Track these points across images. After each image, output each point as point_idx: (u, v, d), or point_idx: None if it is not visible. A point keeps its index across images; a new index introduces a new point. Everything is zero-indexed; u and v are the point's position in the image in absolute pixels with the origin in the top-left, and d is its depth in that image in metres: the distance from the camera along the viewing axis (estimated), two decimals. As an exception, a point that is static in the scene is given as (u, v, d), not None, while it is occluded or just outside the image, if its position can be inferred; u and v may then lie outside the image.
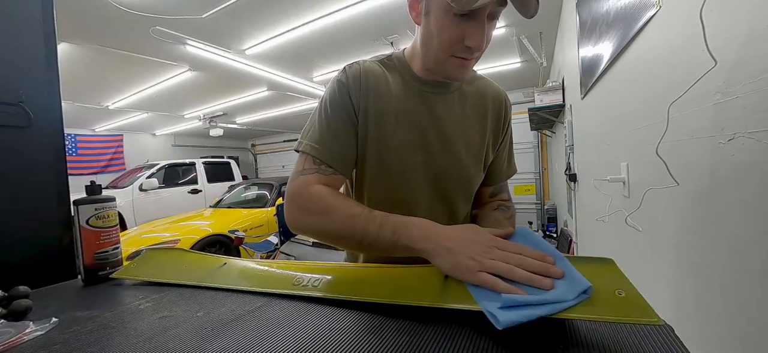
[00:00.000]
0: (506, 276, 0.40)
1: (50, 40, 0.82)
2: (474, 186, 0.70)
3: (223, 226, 3.91)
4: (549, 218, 5.13)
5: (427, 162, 0.65)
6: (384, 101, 0.64)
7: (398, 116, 0.64)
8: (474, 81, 0.71)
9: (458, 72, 0.59)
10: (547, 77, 4.42)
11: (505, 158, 0.75)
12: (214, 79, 4.42)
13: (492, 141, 0.70)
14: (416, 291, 0.47)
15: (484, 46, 0.55)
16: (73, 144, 6.98)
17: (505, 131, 0.71)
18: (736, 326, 0.59)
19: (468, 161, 0.67)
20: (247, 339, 0.40)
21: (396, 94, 0.65)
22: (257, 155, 10.59)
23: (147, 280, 0.68)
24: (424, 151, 0.64)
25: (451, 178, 0.66)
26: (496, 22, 0.55)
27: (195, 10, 2.64)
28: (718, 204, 0.62)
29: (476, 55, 0.57)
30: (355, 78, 0.64)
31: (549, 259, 0.40)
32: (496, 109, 0.70)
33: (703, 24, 0.61)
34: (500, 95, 0.71)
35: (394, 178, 0.65)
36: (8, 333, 0.44)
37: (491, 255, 0.43)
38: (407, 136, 0.64)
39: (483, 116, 0.69)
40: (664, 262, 0.88)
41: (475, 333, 0.39)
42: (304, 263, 0.65)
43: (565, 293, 0.36)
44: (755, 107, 0.50)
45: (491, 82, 0.73)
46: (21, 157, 0.76)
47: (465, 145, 0.66)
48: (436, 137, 0.64)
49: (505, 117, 0.70)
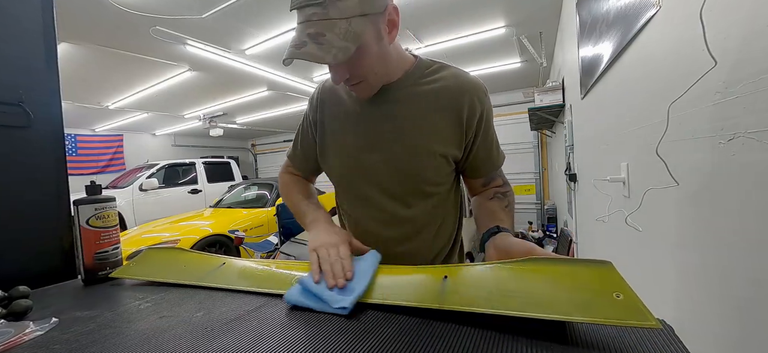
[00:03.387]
0: (319, 264, 0.55)
1: (50, 40, 0.82)
2: (431, 180, 0.70)
3: (223, 226, 3.91)
4: (549, 218, 5.13)
5: (379, 161, 0.69)
6: (338, 109, 0.74)
7: (350, 121, 0.72)
8: (439, 78, 0.68)
9: (355, 93, 0.67)
10: (547, 77, 4.42)
11: (487, 149, 0.72)
12: (214, 79, 4.41)
13: (457, 134, 0.68)
14: (416, 292, 0.47)
15: (345, 79, 0.62)
16: (73, 144, 6.98)
17: (477, 122, 0.68)
18: (736, 325, 0.59)
19: (418, 160, 0.68)
20: (247, 339, 0.40)
21: (349, 102, 0.73)
22: (257, 155, 10.58)
23: (146, 279, 0.68)
24: (376, 151, 0.69)
25: (403, 174, 0.69)
26: (352, 57, 0.59)
27: (195, 10, 2.64)
28: (718, 204, 0.62)
29: (354, 83, 0.63)
30: (315, 96, 0.78)
31: (348, 275, 0.52)
32: (463, 102, 0.66)
33: (703, 24, 0.61)
34: (467, 88, 0.67)
35: (352, 177, 0.73)
36: (8, 333, 0.44)
37: (323, 252, 0.57)
38: (359, 139, 0.70)
39: (443, 112, 0.67)
40: (664, 262, 0.88)
41: (475, 333, 0.39)
42: (304, 263, 0.65)
43: (335, 300, 0.47)
44: (755, 107, 0.50)
45: (463, 75, 0.69)
46: (21, 157, 0.76)
47: (416, 144, 0.67)
48: (387, 137, 0.68)
49: (473, 109, 0.67)
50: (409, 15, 2.94)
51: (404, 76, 0.69)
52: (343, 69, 0.60)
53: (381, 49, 0.61)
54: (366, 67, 0.60)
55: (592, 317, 0.35)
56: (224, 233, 3.83)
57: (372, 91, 0.67)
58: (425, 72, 0.69)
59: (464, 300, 0.43)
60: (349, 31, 0.53)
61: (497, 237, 0.61)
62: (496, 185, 0.77)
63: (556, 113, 3.40)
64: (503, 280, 0.44)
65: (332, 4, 0.52)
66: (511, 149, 6.21)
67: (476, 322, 0.40)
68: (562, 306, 0.37)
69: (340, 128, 0.73)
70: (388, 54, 0.63)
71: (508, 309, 0.39)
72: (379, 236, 0.73)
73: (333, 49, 0.52)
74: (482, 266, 0.48)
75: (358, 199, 0.74)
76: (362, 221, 0.76)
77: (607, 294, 0.37)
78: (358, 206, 0.75)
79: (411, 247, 0.73)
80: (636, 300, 0.35)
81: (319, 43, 0.52)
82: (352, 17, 0.53)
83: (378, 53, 0.60)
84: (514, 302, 0.40)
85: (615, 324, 0.34)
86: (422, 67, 0.70)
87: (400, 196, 0.71)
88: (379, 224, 0.73)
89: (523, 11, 3.03)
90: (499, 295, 0.41)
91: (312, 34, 0.53)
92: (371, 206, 0.73)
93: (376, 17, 0.57)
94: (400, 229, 0.72)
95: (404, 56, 0.70)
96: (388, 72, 0.67)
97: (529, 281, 0.42)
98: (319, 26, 0.52)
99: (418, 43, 3.53)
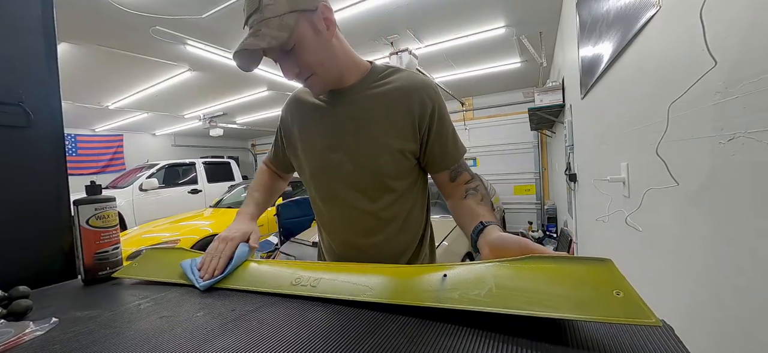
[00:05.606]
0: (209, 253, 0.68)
1: (50, 40, 0.82)
2: (391, 174, 0.75)
3: (223, 226, 3.89)
4: (549, 218, 5.13)
5: (342, 160, 0.76)
6: (305, 117, 0.82)
7: (316, 125, 0.80)
8: (392, 80, 0.76)
9: (310, 89, 0.75)
10: (547, 77, 4.42)
11: (442, 143, 0.76)
12: (214, 79, 4.41)
13: (411, 130, 0.74)
14: (415, 292, 0.47)
15: (296, 74, 0.70)
16: (73, 144, 6.98)
17: (430, 118, 0.74)
18: (735, 325, 0.59)
19: (377, 155, 0.74)
20: (247, 339, 0.40)
21: (314, 110, 0.81)
22: (257, 155, 10.59)
23: (147, 279, 0.68)
24: (338, 151, 0.76)
25: (364, 170, 0.75)
26: (291, 53, 0.67)
27: (195, 10, 2.64)
28: (717, 204, 0.62)
29: (305, 77, 0.71)
30: (284, 108, 0.90)
31: (216, 272, 0.63)
32: (414, 100, 0.73)
33: (703, 24, 0.61)
34: (416, 87, 0.74)
35: (321, 175, 0.80)
36: (8, 333, 0.44)
37: (214, 245, 0.69)
38: (324, 140, 0.78)
39: (395, 110, 0.73)
40: (664, 262, 0.88)
41: (474, 332, 0.39)
42: (304, 263, 0.65)
43: (199, 281, 0.61)
44: (755, 106, 0.50)
45: (412, 75, 0.76)
46: (21, 157, 0.76)
47: (374, 140, 0.74)
48: (348, 135, 0.76)
49: (424, 106, 0.73)
50: (409, 15, 2.95)
51: (361, 80, 0.77)
52: (291, 62, 0.68)
53: (322, 43, 0.69)
54: (310, 58, 0.68)
55: (593, 315, 0.35)
56: (224, 233, 3.83)
57: (325, 86, 0.74)
58: (379, 76, 0.77)
59: (463, 298, 0.42)
60: (282, 24, 0.63)
61: (486, 233, 0.62)
62: (465, 181, 0.79)
63: (556, 113, 3.40)
64: (502, 278, 0.44)
65: (266, 7, 0.63)
66: (511, 149, 6.21)
67: (476, 321, 0.40)
68: (562, 305, 0.37)
69: (307, 133, 0.82)
70: (334, 49, 0.71)
71: (508, 307, 0.39)
72: (348, 230, 0.80)
73: (266, 37, 0.63)
74: (481, 264, 0.48)
75: (328, 196, 0.81)
76: (331, 216, 0.82)
77: (607, 292, 0.36)
78: (327, 202, 0.82)
79: (377, 240, 0.79)
80: (636, 297, 0.35)
81: (256, 35, 0.63)
82: (284, 14, 0.63)
83: (319, 45, 0.68)
84: (514, 300, 0.40)
85: (615, 322, 0.34)
86: (377, 72, 0.78)
87: (364, 190, 0.77)
88: (346, 219, 0.80)
89: (523, 11, 3.03)
90: (498, 293, 0.41)
91: (252, 32, 0.64)
92: (339, 201, 0.79)
93: (309, 14, 0.66)
94: (366, 223, 0.78)
95: (360, 63, 0.79)
96: (339, 69, 0.74)
97: (528, 279, 0.42)
98: (258, 26, 0.63)
99: (418, 43, 3.53)
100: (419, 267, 0.55)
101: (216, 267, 0.64)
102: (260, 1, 0.63)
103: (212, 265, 0.64)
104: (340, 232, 0.82)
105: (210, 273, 0.62)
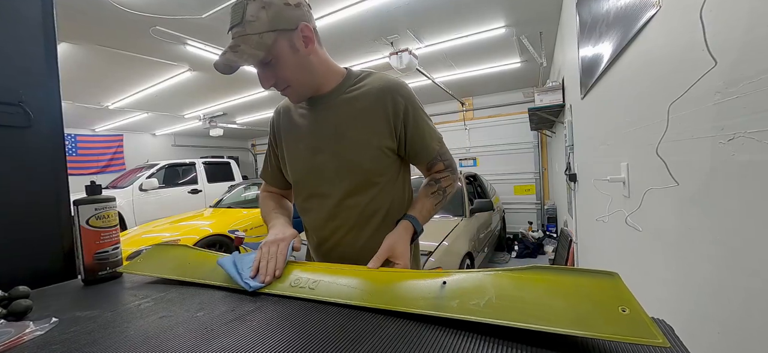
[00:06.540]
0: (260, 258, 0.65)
1: (50, 40, 0.82)
2: (373, 170, 0.80)
3: (223, 226, 3.91)
4: (549, 218, 5.13)
5: (326, 162, 0.81)
6: (291, 126, 0.87)
7: (300, 132, 0.84)
8: (366, 83, 0.81)
9: (289, 98, 0.81)
10: (547, 77, 4.42)
11: (420, 138, 0.82)
12: (214, 79, 4.41)
13: (387, 127, 0.79)
14: (414, 298, 0.47)
15: (272, 84, 0.74)
16: (73, 144, 6.98)
17: (404, 116, 0.79)
18: (736, 325, 0.59)
19: (359, 153, 0.79)
20: (247, 339, 0.40)
21: (298, 118, 0.86)
22: (257, 155, 10.59)
23: (154, 275, 0.68)
24: (323, 151, 0.81)
25: (348, 169, 0.80)
26: (272, 65, 0.71)
27: (195, 10, 2.64)
28: (717, 204, 0.62)
29: (281, 88, 0.76)
30: (273, 120, 0.94)
31: (278, 274, 0.62)
32: (387, 100, 0.77)
33: (703, 24, 0.61)
34: (387, 86, 0.78)
35: (307, 177, 0.85)
36: (8, 333, 0.44)
37: (265, 250, 0.67)
38: (308, 145, 0.83)
39: (371, 110, 0.78)
40: (664, 262, 0.88)
41: (473, 335, 0.39)
42: (303, 264, 0.65)
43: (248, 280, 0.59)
44: (755, 107, 0.50)
45: (383, 77, 0.81)
46: (21, 157, 0.76)
47: (354, 140, 0.79)
48: (330, 138, 0.80)
49: (397, 105, 0.78)
50: (409, 15, 2.94)
51: (337, 87, 0.82)
52: (269, 74, 0.73)
53: (299, 59, 0.73)
54: (287, 73, 0.73)
55: (596, 332, 0.33)
56: (224, 233, 3.83)
57: (300, 96, 0.80)
58: (354, 81, 0.82)
59: (462, 307, 0.42)
60: (260, 42, 0.67)
61: (397, 226, 0.76)
62: (437, 170, 0.86)
63: (556, 113, 3.40)
64: (503, 288, 0.43)
65: (248, 23, 0.67)
66: (511, 149, 6.21)
67: (475, 326, 0.40)
68: (565, 319, 0.35)
69: (293, 140, 0.87)
70: (311, 64, 0.76)
71: (508, 319, 0.38)
72: (332, 225, 0.84)
73: (244, 55, 0.67)
74: (481, 273, 0.47)
75: (314, 195, 0.85)
76: (317, 214, 0.86)
77: (612, 307, 0.35)
78: (314, 201, 0.86)
79: (360, 234, 0.83)
80: (643, 314, 0.34)
81: (235, 51, 0.67)
82: (263, 33, 0.67)
83: (297, 62, 0.73)
84: (514, 312, 0.38)
85: (620, 340, 0.32)
86: (352, 78, 0.83)
87: (347, 186, 0.81)
88: (331, 215, 0.83)
89: (523, 11, 3.03)
90: (498, 304, 0.40)
91: (232, 46, 0.68)
92: (324, 199, 0.83)
93: (289, 33, 0.70)
94: (349, 217, 0.82)
95: (336, 70, 0.83)
96: (315, 80, 0.79)
97: (530, 290, 0.41)
98: (238, 40, 0.67)
99: (419, 43, 3.53)
100: (418, 273, 0.55)
101: (275, 267, 0.63)
102: (243, 16, 0.67)
103: (270, 266, 0.63)
104: (326, 229, 0.85)
105: (271, 275, 0.61)
